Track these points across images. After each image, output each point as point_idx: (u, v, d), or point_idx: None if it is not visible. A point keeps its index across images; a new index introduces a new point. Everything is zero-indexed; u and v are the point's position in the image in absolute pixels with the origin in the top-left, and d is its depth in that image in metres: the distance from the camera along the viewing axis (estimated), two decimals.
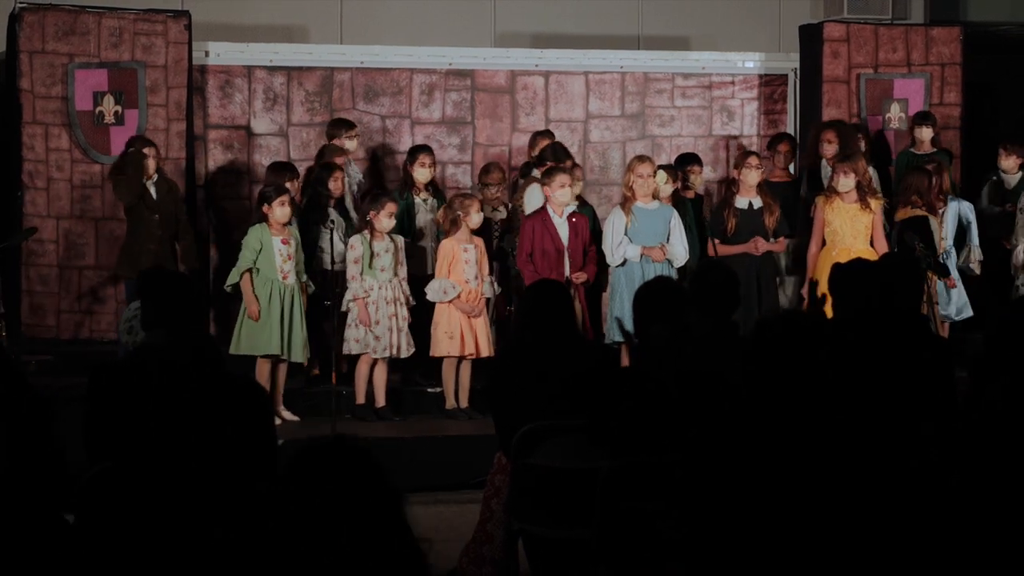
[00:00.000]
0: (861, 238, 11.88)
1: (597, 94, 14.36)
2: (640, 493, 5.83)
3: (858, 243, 11.82)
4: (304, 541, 3.39)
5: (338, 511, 3.40)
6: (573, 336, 7.60)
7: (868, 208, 11.89)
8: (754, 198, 12.11)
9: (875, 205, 11.92)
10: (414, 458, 10.66)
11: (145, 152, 12.11)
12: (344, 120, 12.98)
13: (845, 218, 11.90)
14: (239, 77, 13.67)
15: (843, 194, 11.92)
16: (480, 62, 14.17)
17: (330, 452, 3.49)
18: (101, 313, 13.02)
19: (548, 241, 11.53)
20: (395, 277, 11.41)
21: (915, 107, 14.04)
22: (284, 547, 3.39)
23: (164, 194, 12.22)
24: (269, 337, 11.10)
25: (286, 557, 3.39)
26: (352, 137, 12.75)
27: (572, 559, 6.67)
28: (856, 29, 14.28)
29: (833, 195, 11.97)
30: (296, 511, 3.40)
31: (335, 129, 12.81)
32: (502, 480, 7.30)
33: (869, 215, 11.90)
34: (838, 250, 11.69)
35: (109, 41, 12.97)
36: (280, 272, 11.18)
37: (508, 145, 14.12)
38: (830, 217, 11.93)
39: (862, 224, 11.90)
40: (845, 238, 11.87)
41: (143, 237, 12.08)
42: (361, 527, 3.41)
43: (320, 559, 3.39)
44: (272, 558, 3.40)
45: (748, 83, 14.62)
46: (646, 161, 11.90)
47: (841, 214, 11.90)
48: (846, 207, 11.91)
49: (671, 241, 11.69)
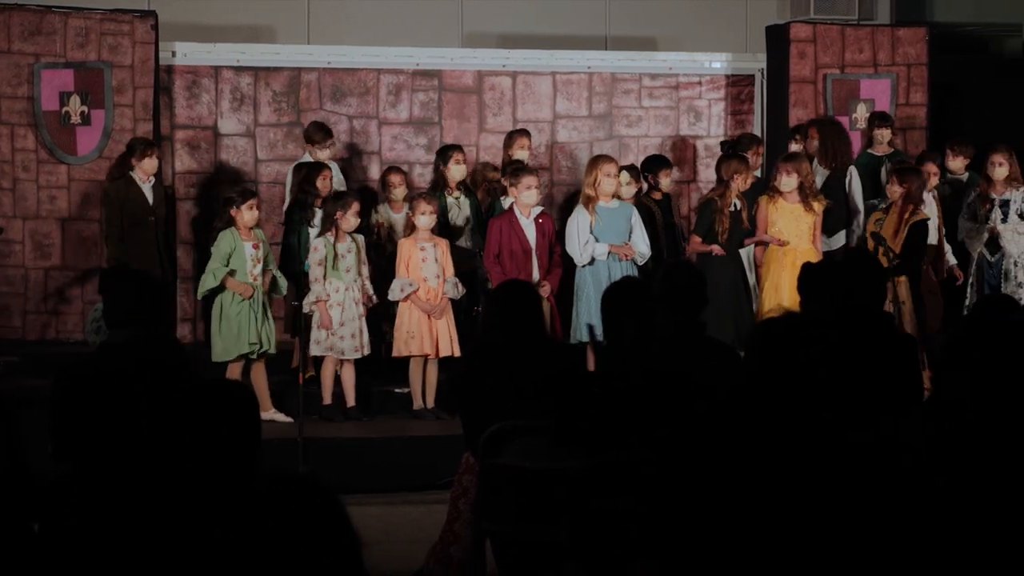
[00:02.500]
0: (804, 238, 11.88)
1: (564, 94, 14.38)
2: (609, 492, 5.84)
3: (802, 243, 11.83)
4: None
5: (295, 553, 3.37)
6: (541, 337, 7.60)
7: (811, 209, 11.90)
8: (736, 199, 12.16)
9: (817, 207, 11.94)
10: (381, 458, 10.68)
11: (148, 153, 12.10)
12: (322, 126, 12.88)
13: (789, 218, 11.88)
14: (206, 77, 13.65)
15: (786, 194, 11.92)
16: (447, 62, 14.18)
17: (292, 493, 3.45)
18: (67, 314, 12.99)
19: (515, 242, 11.53)
20: (359, 277, 11.41)
21: (882, 107, 14.08)
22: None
23: (160, 197, 12.19)
24: (244, 338, 11.09)
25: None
26: (326, 147, 12.67)
27: (540, 559, 6.67)
28: (822, 30, 14.33)
29: (776, 195, 11.97)
30: (253, 552, 3.37)
31: (313, 134, 12.73)
32: (470, 480, 7.30)
33: (812, 216, 11.92)
34: (784, 250, 11.74)
35: (75, 41, 12.94)
36: (250, 276, 11.16)
37: (476, 145, 14.13)
38: (774, 217, 11.93)
39: (805, 225, 11.89)
40: (788, 238, 11.86)
41: (137, 240, 12.04)
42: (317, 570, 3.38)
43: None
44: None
45: (715, 83, 14.66)
46: (611, 160, 11.91)
47: (785, 214, 11.89)
48: (789, 207, 11.89)
49: (633, 239, 11.72)
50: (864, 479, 4.49)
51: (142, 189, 12.11)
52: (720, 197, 12.09)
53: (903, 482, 4.46)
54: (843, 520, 4.35)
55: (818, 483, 4.43)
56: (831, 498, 4.39)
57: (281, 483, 3.44)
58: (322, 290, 11.26)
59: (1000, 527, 4.37)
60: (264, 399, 11.12)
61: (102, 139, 12.96)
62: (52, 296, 12.98)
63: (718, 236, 11.95)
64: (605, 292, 7.47)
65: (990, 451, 4.53)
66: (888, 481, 4.47)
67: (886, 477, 4.49)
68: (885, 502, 4.40)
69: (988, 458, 4.52)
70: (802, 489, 4.41)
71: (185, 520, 3.96)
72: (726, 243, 11.95)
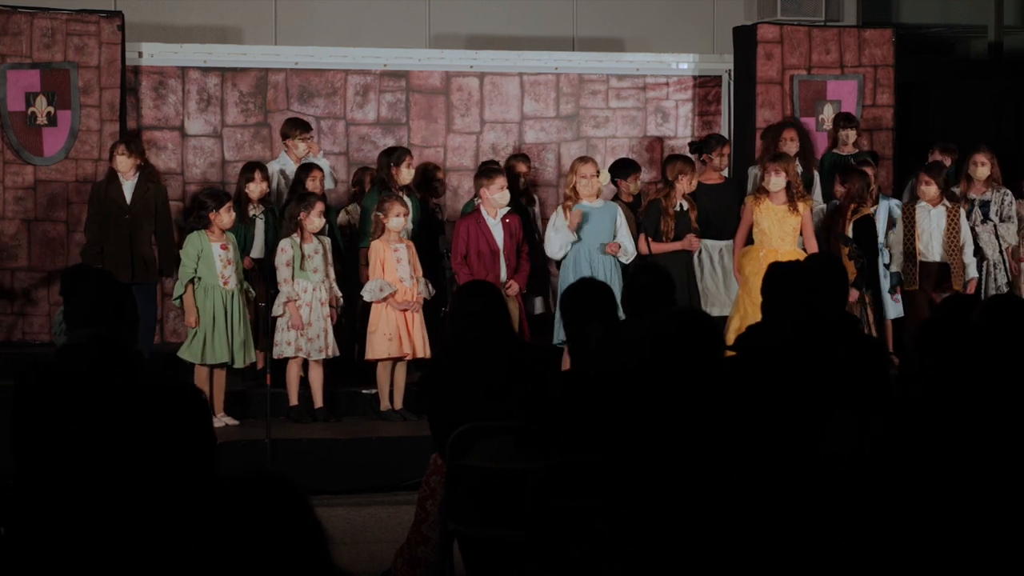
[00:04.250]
0: (788, 240, 11.88)
1: (532, 95, 14.39)
2: (573, 492, 5.85)
3: (785, 245, 11.82)
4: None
5: (263, 551, 3.37)
6: (508, 337, 7.61)
7: (796, 211, 11.89)
8: (683, 199, 12.15)
9: (803, 208, 11.94)
10: (349, 460, 10.67)
11: (116, 150, 12.04)
12: (300, 121, 12.86)
13: (773, 219, 11.87)
14: (173, 78, 13.62)
15: (773, 194, 11.91)
16: (415, 63, 14.17)
17: (260, 491, 3.45)
18: (34, 315, 12.94)
19: (483, 242, 11.54)
20: (326, 278, 11.40)
21: (848, 108, 14.12)
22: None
23: (141, 195, 12.07)
24: (216, 346, 11.06)
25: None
26: (305, 139, 12.63)
27: (507, 560, 6.68)
28: (789, 31, 14.36)
29: (763, 195, 11.97)
30: (219, 550, 3.37)
31: (290, 129, 12.69)
32: (437, 481, 7.30)
33: (797, 217, 11.89)
34: (765, 251, 11.72)
35: (41, 42, 12.89)
36: (221, 278, 11.12)
37: (443, 146, 14.13)
38: (759, 218, 11.91)
39: (790, 226, 11.89)
40: (773, 239, 11.86)
41: (111, 237, 11.99)
42: (286, 568, 3.38)
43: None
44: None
45: (682, 84, 14.68)
46: (589, 162, 11.91)
47: (770, 215, 11.88)
48: (775, 208, 11.88)
49: (619, 238, 11.71)
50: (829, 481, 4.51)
51: (122, 187, 12.06)
52: (665, 197, 12.11)
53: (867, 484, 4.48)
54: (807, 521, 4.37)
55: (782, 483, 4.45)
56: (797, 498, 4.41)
57: (249, 482, 3.44)
58: (291, 291, 11.25)
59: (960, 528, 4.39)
60: (217, 402, 11.15)
61: (68, 140, 12.91)
62: (19, 297, 12.93)
63: (663, 236, 11.96)
64: (563, 295, 7.44)
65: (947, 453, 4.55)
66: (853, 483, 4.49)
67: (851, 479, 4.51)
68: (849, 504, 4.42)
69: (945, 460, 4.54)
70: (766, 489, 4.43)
71: (147, 521, 3.95)
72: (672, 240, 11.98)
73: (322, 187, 12.13)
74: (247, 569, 3.33)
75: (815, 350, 6.46)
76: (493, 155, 13.86)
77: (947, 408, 4.67)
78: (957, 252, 12.25)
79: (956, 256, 12.24)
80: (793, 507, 4.38)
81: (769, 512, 4.35)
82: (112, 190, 12.04)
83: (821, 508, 4.41)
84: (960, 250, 12.26)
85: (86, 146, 12.86)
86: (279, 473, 3.50)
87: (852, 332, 7.19)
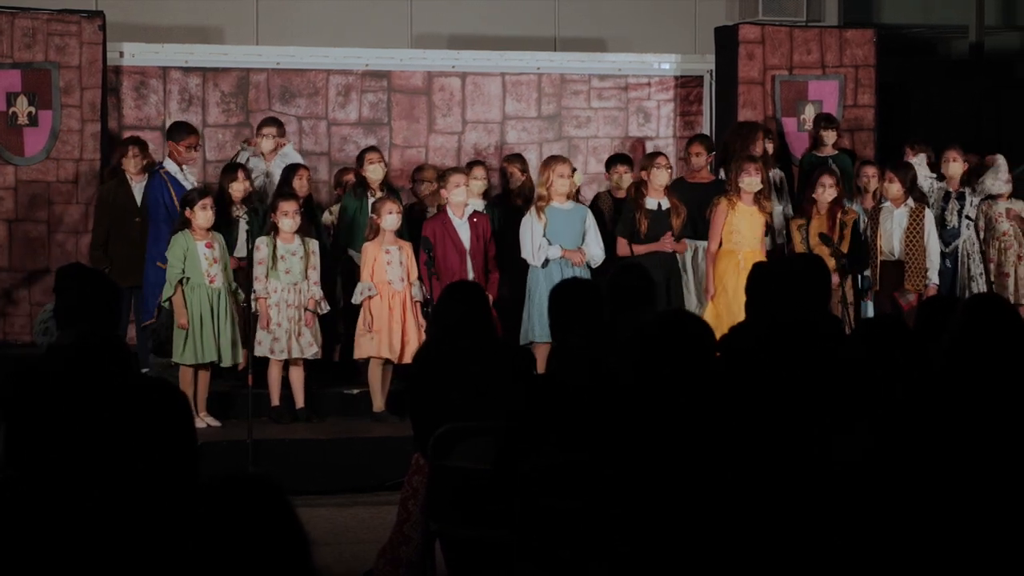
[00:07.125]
0: (757, 240, 11.88)
1: (514, 95, 14.39)
2: (559, 492, 5.85)
3: (755, 244, 11.83)
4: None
5: (245, 552, 3.37)
6: (490, 338, 7.61)
7: (763, 211, 11.89)
8: (662, 199, 12.04)
9: (768, 207, 11.96)
10: (331, 460, 10.66)
11: (126, 153, 12.04)
12: (272, 119, 12.83)
13: (747, 221, 11.79)
14: (154, 78, 13.59)
15: (744, 195, 11.80)
16: (397, 63, 14.16)
17: (241, 492, 3.45)
18: (15, 315, 12.90)
19: (448, 243, 11.50)
20: (305, 281, 11.35)
21: (829, 108, 14.15)
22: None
23: None
24: (205, 346, 11.05)
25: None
26: (267, 136, 12.57)
27: (490, 560, 6.69)
28: (771, 31, 14.38)
29: (736, 197, 11.88)
30: (201, 551, 3.37)
31: (262, 127, 12.67)
32: (419, 481, 7.31)
33: (763, 218, 11.91)
34: (743, 253, 11.66)
35: (22, 41, 12.86)
36: (207, 276, 11.10)
37: (425, 146, 14.12)
38: (734, 219, 11.85)
39: (758, 226, 11.89)
40: (747, 240, 11.84)
41: (120, 240, 11.97)
42: (267, 569, 3.38)
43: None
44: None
45: (664, 85, 14.69)
46: (564, 161, 11.92)
47: (744, 216, 11.80)
48: (747, 209, 11.79)
49: (587, 241, 11.71)
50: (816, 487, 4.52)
51: (132, 190, 12.05)
52: (635, 193, 12.09)
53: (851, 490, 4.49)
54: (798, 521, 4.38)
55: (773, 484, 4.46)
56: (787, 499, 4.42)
57: (230, 483, 3.44)
58: (261, 288, 11.21)
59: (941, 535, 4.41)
60: (199, 401, 11.14)
61: (49, 140, 12.88)
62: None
63: (639, 236, 11.90)
64: (552, 295, 7.43)
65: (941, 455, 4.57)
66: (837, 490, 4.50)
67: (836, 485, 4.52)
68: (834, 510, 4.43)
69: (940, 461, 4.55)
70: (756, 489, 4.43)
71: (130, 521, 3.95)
72: (646, 242, 11.90)
73: (308, 187, 12.13)
74: (228, 570, 3.33)
75: (796, 351, 6.46)
76: (475, 155, 13.85)
77: (937, 412, 4.69)
78: (917, 253, 12.17)
79: (914, 257, 12.20)
80: (783, 508, 4.39)
81: (759, 512, 4.36)
82: (121, 193, 12.03)
83: (813, 509, 4.42)
84: (922, 252, 12.19)
85: (67, 146, 12.83)
86: (261, 474, 3.50)
87: (836, 333, 7.18)
